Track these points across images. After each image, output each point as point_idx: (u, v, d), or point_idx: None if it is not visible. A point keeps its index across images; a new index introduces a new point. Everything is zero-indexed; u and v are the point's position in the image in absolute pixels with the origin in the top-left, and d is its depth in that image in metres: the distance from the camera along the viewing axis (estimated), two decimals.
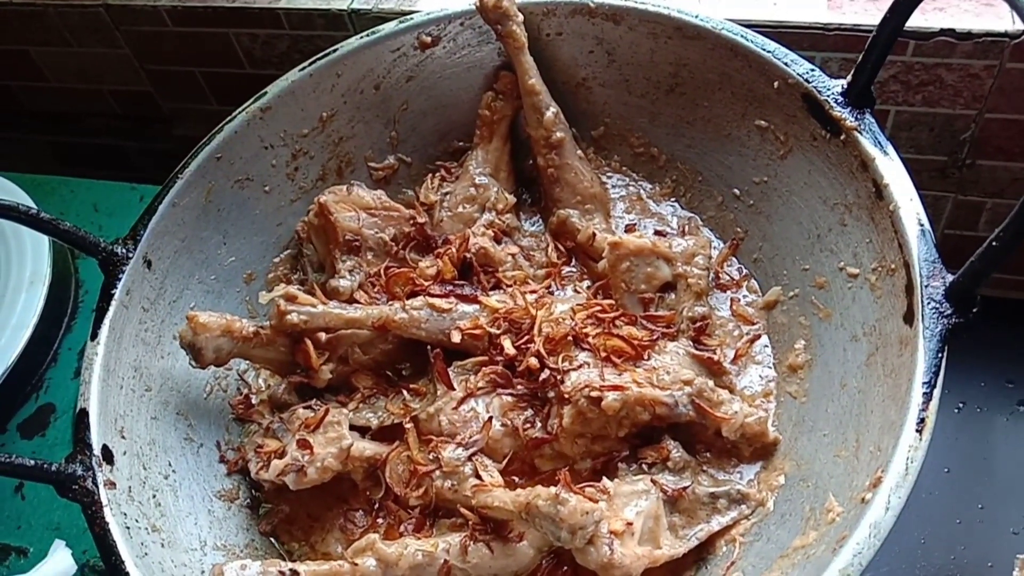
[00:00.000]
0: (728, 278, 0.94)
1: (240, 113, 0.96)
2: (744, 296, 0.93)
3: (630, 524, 0.74)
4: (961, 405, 1.40)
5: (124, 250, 0.88)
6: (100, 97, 1.54)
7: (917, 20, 1.00)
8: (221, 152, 0.95)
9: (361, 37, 1.00)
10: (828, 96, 0.82)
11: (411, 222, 0.96)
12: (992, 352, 1.39)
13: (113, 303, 0.86)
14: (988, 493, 1.31)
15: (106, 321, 0.85)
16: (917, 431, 0.64)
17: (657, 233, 0.98)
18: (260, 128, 0.98)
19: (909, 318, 0.70)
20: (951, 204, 1.32)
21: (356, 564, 0.76)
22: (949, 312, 0.68)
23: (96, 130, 1.64)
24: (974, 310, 0.68)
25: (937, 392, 0.65)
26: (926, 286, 0.69)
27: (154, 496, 0.81)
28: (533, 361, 0.82)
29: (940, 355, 0.66)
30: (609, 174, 1.04)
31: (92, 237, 0.87)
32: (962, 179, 1.24)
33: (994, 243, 0.63)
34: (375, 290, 0.91)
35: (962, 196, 1.28)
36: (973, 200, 1.29)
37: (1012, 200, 1.24)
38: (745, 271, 0.94)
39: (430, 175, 1.02)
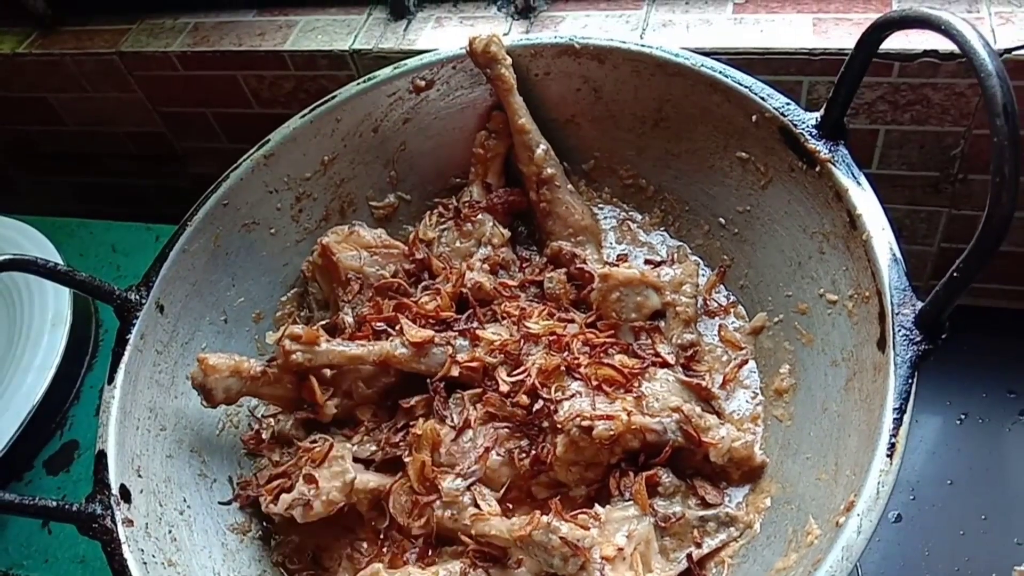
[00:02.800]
0: (716, 305, 0.97)
1: (245, 160, 1.01)
2: (732, 322, 0.96)
3: (621, 549, 0.77)
4: (963, 416, 1.41)
5: (138, 296, 0.93)
6: (116, 139, 1.60)
7: (901, 42, 1.02)
8: (228, 199, 1.00)
9: (358, 84, 1.04)
10: (803, 129, 0.85)
11: (410, 258, 1.00)
12: (993, 363, 1.40)
13: (128, 348, 0.91)
14: (991, 504, 1.32)
15: (122, 365, 0.89)
16: (888, 455, 0.66)
17: (647, 262, 1.01)
18: (264, 174, 1.02)
19: (882, 344, 0.73)
20: (945, 218, 1.33)
21: None
22: (919, 339, 0.70)
23: (113, 171, 1.70)
24: (943, 336, 0.70)
25: (907, 417, 0.68)
26: (897, 314, 0.72)
27: (170, 531, 0.85)
28: (524, 399, 0.86)
29: (910, 381, 0.69)
30: (600, 205, 1.07)
31: (107, 286, 0.91)
32: (955, 193, 1.26)
33: (955, 274, 0.65)
34: (377, 324, 0.95)
35: (956, 210, 1.30)
36: (967, 214, 1.30)
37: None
38: (732, 298, 0.97)
39: (428, 212, 1.06)
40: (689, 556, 0.80)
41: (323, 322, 0.99)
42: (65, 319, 1.24)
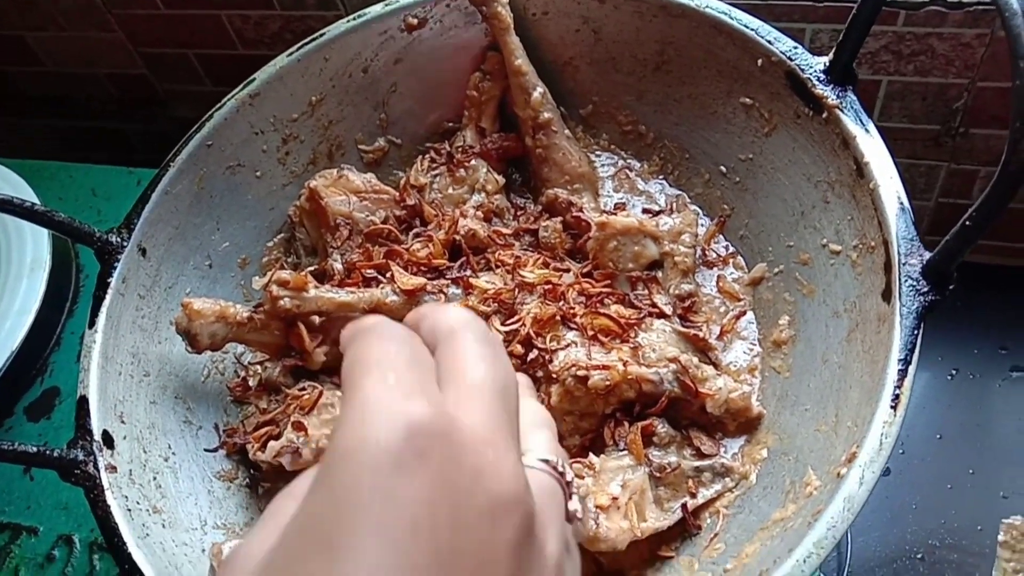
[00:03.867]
0: (715, 255, 0.95)
1: (229, 100, 0.97)
2: (730, 273, 0.94)
3: (615, 499, 0.76)
4: (954, 372, 1.41)
5: (119, 239, 0.90)
6: (96, 81, 1.56)
7: None
8: (212, 139, 0.96)
9: (348, 21, 1.00)
10: (810, 74, 0.82)
11: (401, 204, 0.97)
12: (986, 319, 1.40)
13: (109, 291, 0.88)
14: (979, 458, 1.33)
15: (103, 309, 0.87)
16: (892, 407, 0.65)
17: (645, 211, 0.98)
18: (250, 114, 0.98)
19: (887, 295, 0.71)
20: (945, 173, 1.32)
21: None
22: (926, 290, 0.69)
23: (94, 113, 1.65)
24: (951, 287, 0.69)
25: (912, 369, 0.66)
26: (903, 264, 0.70)
27: (155, 478, 0.83)
28: (519, 348, 0.84)
29: (916, 332, 0.67)
30: (598, 152, 1.04)
31: (87, 227, 0.88)
32: (956, 148, 1.24)
33: (967, 223, 0.63)
34: (367, 271, 0.92)
35: (956, 165, 1.29)
36: (967, 168, 1.29)
37: None
38: (732, 248, 0.95)
39: (420, 157, 1.03)
40: (684, 506, 0.79)
41: (311, 268, 0.96)
42: (44, 264, 1.21)
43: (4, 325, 1.16)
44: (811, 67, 0.82)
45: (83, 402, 0.82)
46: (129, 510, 0.78)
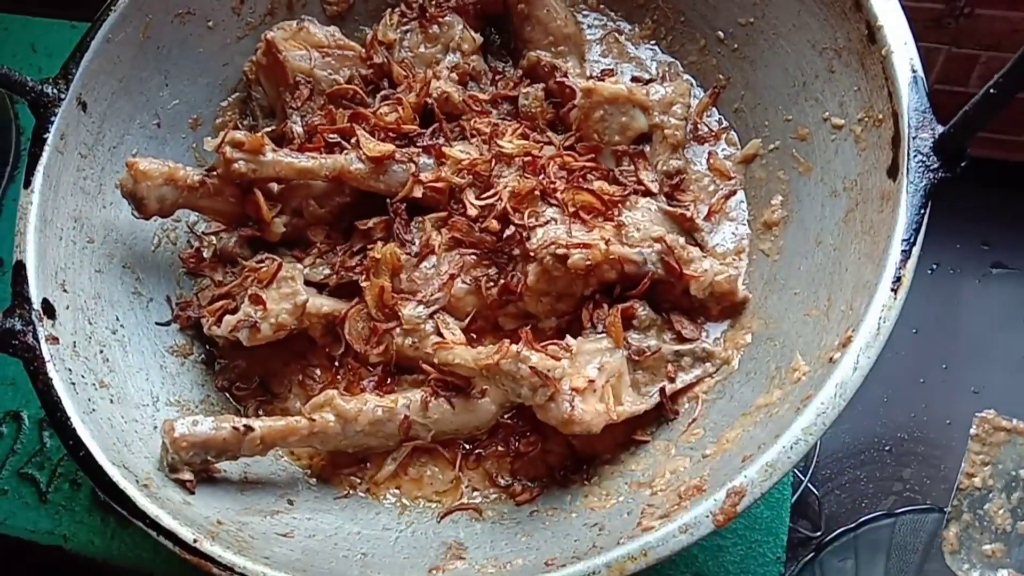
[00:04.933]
0: (706, 130, 0.88)
1: None
2: (722, 149, 0.88)
3: (592, 381, 0.72)
4: (935, 266, 1.38)
5: (55, 90, 0.81)
6: None
7: None
8: None
9: None
10: None
11: (368, 63, 0.89)
12: (970, 214, 1.37)
13: (47, 148, 0.80)
14: (952, 353, 1.32)
15: (40, 167, 0.79)
16: (892, 290, 0.61)
17: (635, 79, 0.91)
18: None
19: (893, 172, 0.66)
20: (943, 57, 1.26)
21: (314, 419, 0.75)
22: (936, 166, 0.64)
23: None
24: (963, 164, 0.64)
25: (916, 250, 0.62)
26: (914, 138, 0.65)
27: (101, 351, 0.78)
28: (494, 224, 0.78)
29: (923, 211, 0.63)
30: (585, 12, 0.95)
31: (18, 75, 0.79)
32: (958, 30, 1.18)
33: (992, 91, 0.58)
34: (329, 136, 0.85)
35: (956, 49, 1.22)
36: (967, 53, 1.23)
37: (1007, 53, 1.18)
38: (725, 122, 0.89)
39: (389, 10, 0.94)
40: (662, 391, 0.76)
41: (268, 130, 0.88)
42: None
43: None
44: None
45: (19, 267, 0.75)
46: (73, 383, 0.72)
